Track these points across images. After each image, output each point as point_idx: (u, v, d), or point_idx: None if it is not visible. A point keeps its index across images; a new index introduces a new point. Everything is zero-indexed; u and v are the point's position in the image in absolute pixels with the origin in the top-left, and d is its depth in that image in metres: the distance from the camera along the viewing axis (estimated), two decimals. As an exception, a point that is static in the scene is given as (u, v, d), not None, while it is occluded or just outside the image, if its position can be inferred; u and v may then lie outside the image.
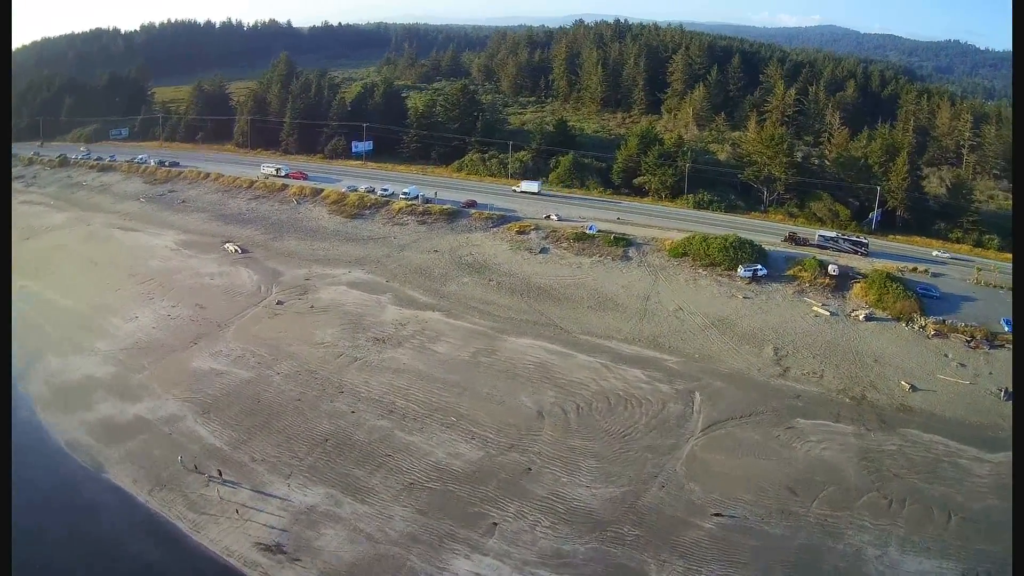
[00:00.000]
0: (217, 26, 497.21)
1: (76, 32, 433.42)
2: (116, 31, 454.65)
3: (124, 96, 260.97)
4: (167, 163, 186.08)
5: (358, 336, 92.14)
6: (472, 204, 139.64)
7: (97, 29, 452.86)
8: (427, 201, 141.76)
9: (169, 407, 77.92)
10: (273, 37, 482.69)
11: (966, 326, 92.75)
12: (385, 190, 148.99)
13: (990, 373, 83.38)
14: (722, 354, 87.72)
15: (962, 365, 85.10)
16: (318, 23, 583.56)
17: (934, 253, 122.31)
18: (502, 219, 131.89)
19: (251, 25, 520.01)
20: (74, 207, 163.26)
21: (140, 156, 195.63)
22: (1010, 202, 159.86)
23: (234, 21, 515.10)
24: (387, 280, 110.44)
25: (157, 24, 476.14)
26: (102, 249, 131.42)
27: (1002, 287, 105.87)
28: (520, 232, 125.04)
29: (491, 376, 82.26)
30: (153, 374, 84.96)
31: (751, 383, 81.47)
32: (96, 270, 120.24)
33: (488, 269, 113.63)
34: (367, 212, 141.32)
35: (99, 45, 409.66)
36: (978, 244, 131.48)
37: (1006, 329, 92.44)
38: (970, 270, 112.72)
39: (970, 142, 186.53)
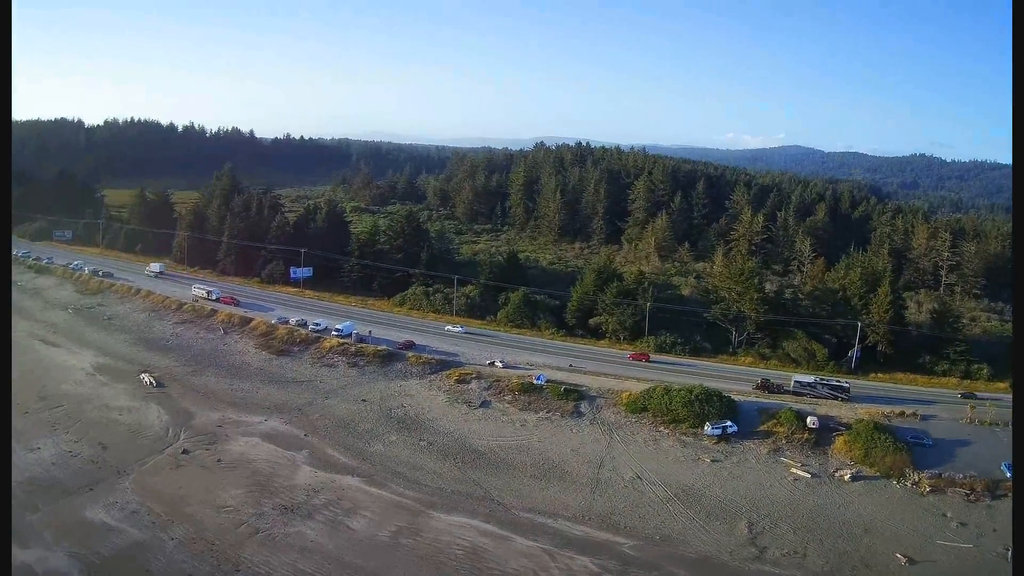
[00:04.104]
0: (179, 130, 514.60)
1: (42, 119, 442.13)
2: (80, 123, 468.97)
3: (73, 195, 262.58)
4: (101, 273, 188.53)
5: (264, 502, 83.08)
6: (410, 345, 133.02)
7: (61, 119, 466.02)
8: (361, 340, 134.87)
9: (57, 561, 71.01)
10: (235, 145, 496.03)
11: (964, 477, 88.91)
12: (317, 324, 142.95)
13: (994, 530, 78.81)
14: (687, 533, 79.00)
15: (963, 524, 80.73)
16: (281, 135, 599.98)
17: None
18: (441, 364, 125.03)
19: (213, 132, 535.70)
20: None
21: (76, 262, 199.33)
22: (996, 324, 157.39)
23: (197, 127, 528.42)
24: (305, 434, 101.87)
25: (120, 121, 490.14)
26: (19, 363, 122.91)
27: (998, 424, 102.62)
28: (460, 381, 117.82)
29: (412, 564, 72.04)
30: (46, 518, 78.35)
31: (722, 570, 72.75)
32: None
33: (420, 426, 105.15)
34: (296, 349, 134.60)
35: (61, 137, 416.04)
36: (966, 375, 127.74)
37: (1008, 475, 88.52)
38: (962, 408, 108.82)
39: (949, 262, 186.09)
